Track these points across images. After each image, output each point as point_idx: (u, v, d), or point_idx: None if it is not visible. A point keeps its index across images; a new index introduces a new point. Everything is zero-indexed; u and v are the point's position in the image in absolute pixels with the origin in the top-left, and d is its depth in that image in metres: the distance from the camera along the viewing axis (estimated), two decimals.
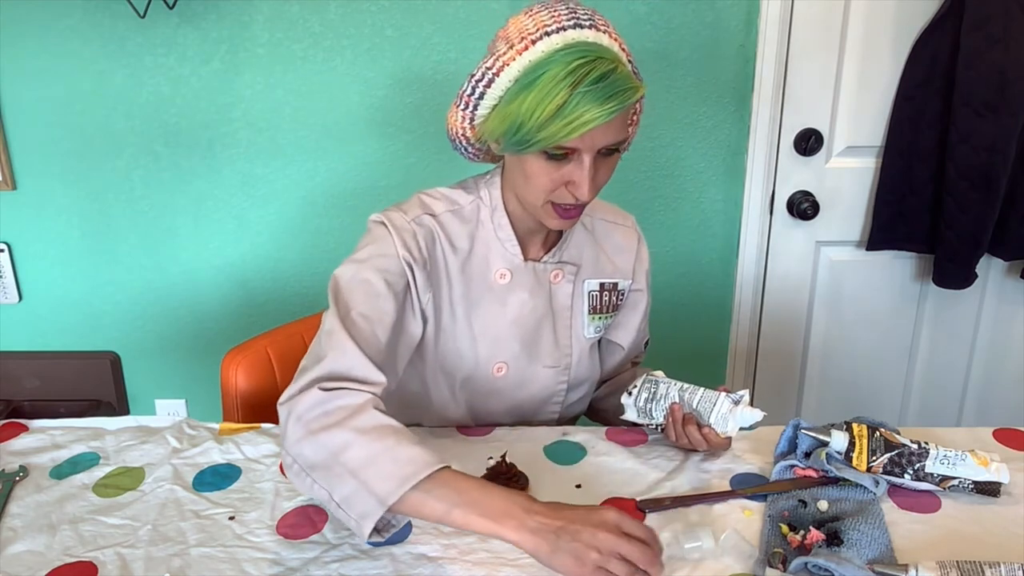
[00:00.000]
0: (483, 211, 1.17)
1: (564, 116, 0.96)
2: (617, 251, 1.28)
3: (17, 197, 1.99)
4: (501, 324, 1.18)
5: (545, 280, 1.21)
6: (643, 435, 1.24)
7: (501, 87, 1.01)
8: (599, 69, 0.96)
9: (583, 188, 1.02)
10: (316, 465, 0.92)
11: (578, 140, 0.99)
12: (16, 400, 2.13)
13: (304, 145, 1.94)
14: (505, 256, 1.17)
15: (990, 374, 2.11)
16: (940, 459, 1.07)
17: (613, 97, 0.96)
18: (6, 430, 1.25)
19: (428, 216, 1.14)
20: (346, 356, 0.99)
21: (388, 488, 0.88)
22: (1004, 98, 1.72)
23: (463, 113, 1.07)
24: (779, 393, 2.14)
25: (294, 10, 1.83)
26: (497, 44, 1.03)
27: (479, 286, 1.17)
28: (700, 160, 1.95)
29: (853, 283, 2.03)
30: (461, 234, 1.16)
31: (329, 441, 0.91)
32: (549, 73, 0.97)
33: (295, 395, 0.95)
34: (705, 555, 0.98)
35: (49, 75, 1.89)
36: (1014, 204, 1.83)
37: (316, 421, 0.93)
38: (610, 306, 1.28)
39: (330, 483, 0.92)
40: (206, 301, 2.08)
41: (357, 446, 0.91)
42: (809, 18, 1.82)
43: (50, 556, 0.99)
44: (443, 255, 1.15)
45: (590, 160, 1.01)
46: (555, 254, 1.21)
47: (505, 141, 1.03)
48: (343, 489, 0.90)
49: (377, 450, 0.90)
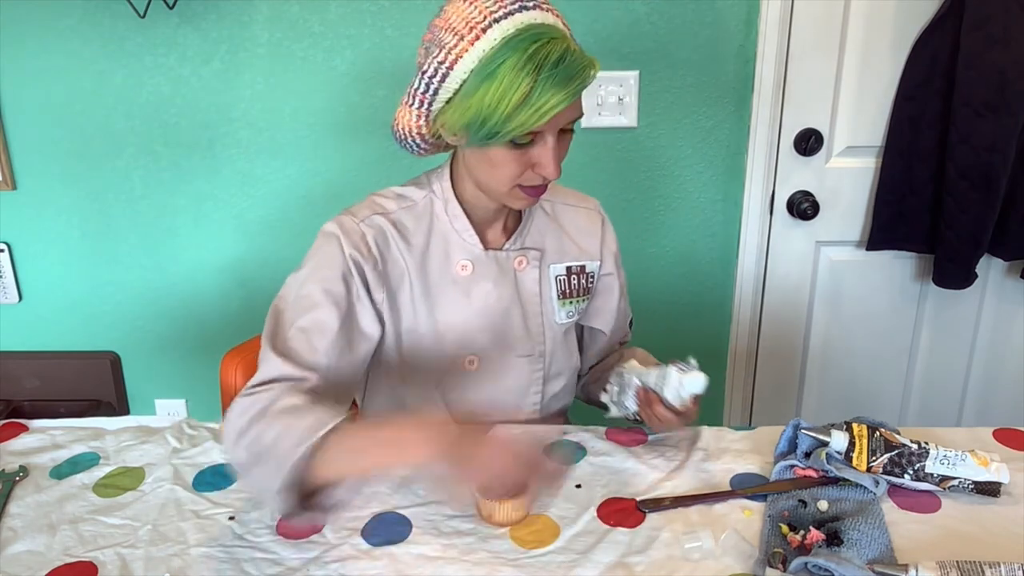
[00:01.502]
0: (436, 204, 1.16)
1: (531, 104, 0.95)
2: (580, 233, 1.25)
3: (17, 197, 1.99)
4: (467, 317, 1.16)
5: (509, 268, 1.19)
6: (643, 435, 1.24)
7: (457, 80, 0.99)
8: (556, 51, 0.95)
9: (550, 168, 1.03)
10: (246, 463, 0.95)
11: (545, 124, 0.98)
12: (16, 400, 2.13)
13: (304, 145, 1.94)
14: (464, 247, 1.16)
15: (990, 374, 2.11)
16: (940, 459, 1.07)
17: (574, 77, 0.96)
18: (6, 430, 1.25)
19: (379, 216, 1.14)
20: (271, 366, 1.02)
21: (291, 452, 0.88)
22: (1004, 98, 1.72)
23: (416, 111, 1.04)
24: (779, 393, 2.14)
25: (294, 10, 1.83)
26: (442, 36, 0.99)
27: (440, 280, 1.16)
28: (700, 160, 1.95)
29: (853, 283, 2.03)
30: (416, 230, 1.15)
31: (249, 438, 0.94)
32: (508, 62, 0.95)
33: (228, 409, 0.99)
34: (705, 555, 0.98)
35: (49, 75, 1.89)
36: (1014, 204, 1.83)
37: (241, 423, 0.96)
38: (580, 289, 1.25)
39: (255, 475, 0.94)
40: (206, 301, 2.08)
41: (269, 431, 0.93)
42: (809, 18, 1.82)
43: (50, 556, 0.99)
44: (399, 253, 1.14)
45: (554, 140, 1.02)
46: (516, 240, 1.19)
47: (470, 134, 1.01)
48: (261, 475, 0.92)
49: (284, 424, 0.92)
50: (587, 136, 1.90)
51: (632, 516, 1.06)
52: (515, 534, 1.03)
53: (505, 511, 1.04)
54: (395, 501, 1.09)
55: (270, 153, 1.95)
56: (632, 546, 1.01)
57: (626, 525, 1.04)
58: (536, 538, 1.02)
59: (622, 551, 1.00)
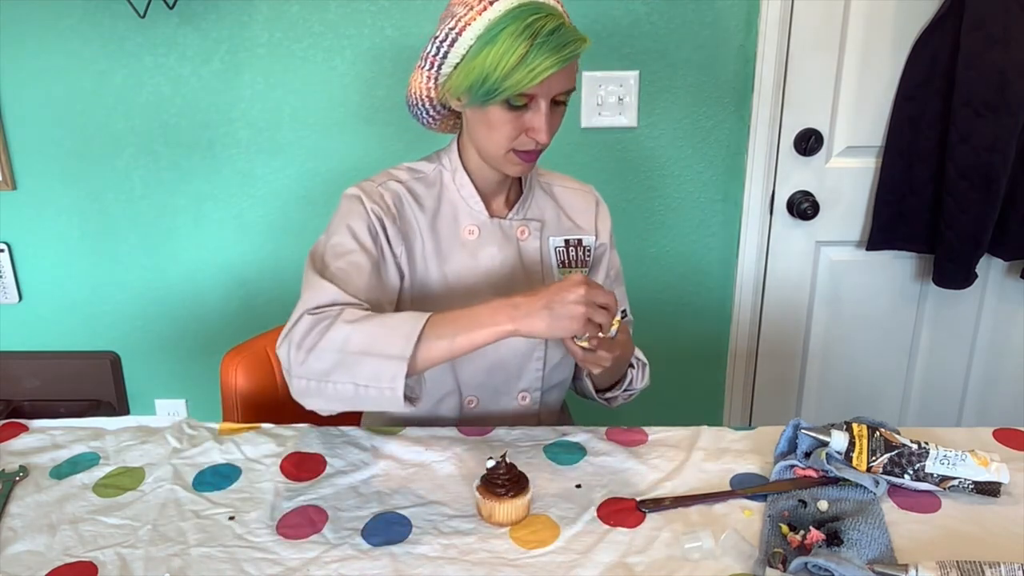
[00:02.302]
0: (445, 175, 1.27)
1: (526, 65, 1.06)
2: (576, 212, 1.34)
3: (17, 197, 1.99)
4: (474, 277, 1.25)
5: (512, 236, 1.27)
6: (643, 435, 1.24)
7: (464, 45, 1.10)
8: (551, 24, 1.07)
9: (542, 132, 1.13)
10: (328, 369, 1.02)
11: (538, 87, 1.09)
12: (16, 400, 2.13)
13: (304, 145, 1.94)
14: (471, 213, 1.26)
15: (990, 374, 2.11)
16: (940, 459, 1.07)
17: (566, 46, 1.07)
18: (6, 430, 1.25)
19: (394, 182, 1.24)
20: (325, 292, 1.09)
21: (400, 347, 0.99)
22: (1004, 98, 1.72)
23: (428, 73, 1.15)
24: (779, 393, 2.14)
25: (294, 10, 1.83)
26: (455, 8, 1.11)
27: (449, 241, 1.25)
28: (700, 160, 1.95)
29: (853, 283, 2.03)
30: (427, 196, 1.25)
31: (330, 344, 1.01)
32: (508, 28, 1.07)
33: (288, 331, 1.06)
34: (705, 555, 0.98)
35: (49, 75, 1.89)
36: (1014, 204, 1.83)
37: (312, 338, 1.02)
38: (578, 260, 1.33)
39: (350, 374, 1.01)
40: (206, 301, 2.08)
41: (355, 334, 1.01)
42: (809, 18, 1.82)
43: (50, 556, 0.99)
44: (412, 214, 1.23)
45: (546, 106, 1.12)
46: (518, 211, 1.29)
47: (472, 94, 1.12)
48: (363, 371, 1.00)
49: (373, 328, 1.02)
50: (587, 136, 1.90)
51: (632, 516, 1.06)
52: (515, 534, 1.03)
53: (505, 511, 1.04)
54: (395, 501, 1.09)
55: (270, 153, 1.95)
56: (632, 546, 1.01)
57: (626, 525, 1.04)
58: (536, 538, 1.02)
59: (622, 551, 1.00)
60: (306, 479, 1.14)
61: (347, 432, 1.24)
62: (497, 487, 1.04)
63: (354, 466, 1.16)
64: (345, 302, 1.08)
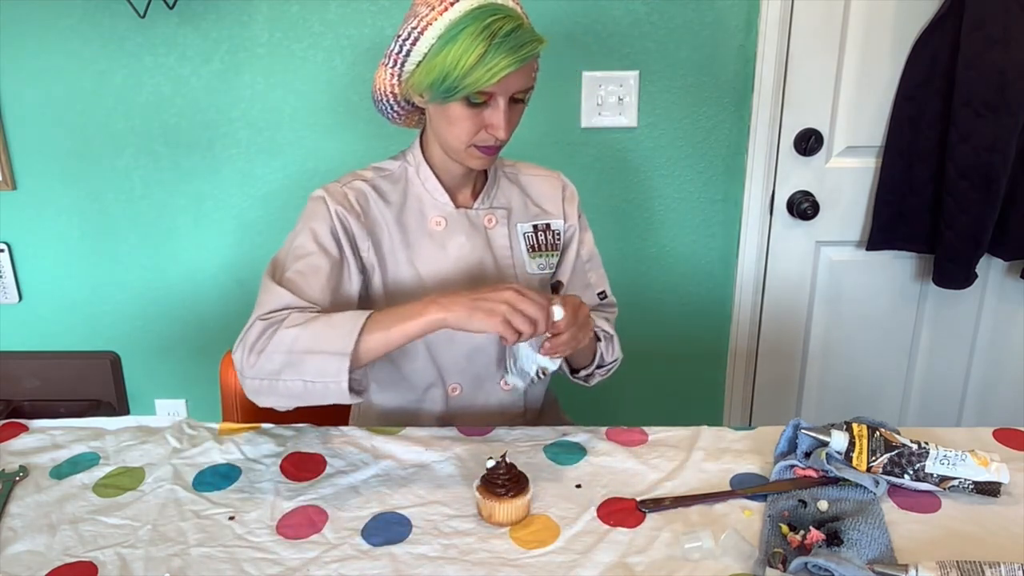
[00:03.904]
0: (410, 170, 1.30)
1: (485, 64, 1.11)
2: (543, 198, 1.37)
3: (17, 197, 1.99)
4: (445, 267, 1.28)
5: (480, 225, 1.30)
6: (643, 435, 1.24)
7: (426, 43, 1.14)
8: (508, 25, 1.11)
9: (500, 128, 1.17)
10: (278, 368, 1.08)
11: (496, 85, 1.13)
12: (16, 400, 2.13)
13: (304, 145, 1.94)
14: (437, 205, 1.29)
15: (990, 374, 2.11)
16: (940, 459, 1.07)
17: (523, 47, 1.12)
18: (6, 430, 1.25)
19: (359, 180, 1.28)
20: (279, 298, 1.14)
21: (342, 343, 1.06)
22: (1004, 98, 1.72)
23: (391, 71, 1.19)
24: (779, 393, 2.14)
25: (294, 10, 1.83)
26: (418, 8, 1.15)
27: (417, 234, 1.28)
28: (700, 160, 1.95)
29: (853, 283, 2.03)
30: (392, 191, 1.29)
31: (278, 345, 1.08)
32: (468, 29, 1.11)
33: (242, 336, 1.12)
34: (705, 555, 0.98)
35: (49, 75, 1.89)
36: (1014, 204, 1.83)
37: (262, 342, 1.09)
38: (548, 244, 1.36)
39: (298, 372, 1.07)
40: (206, 301, 2.08)
41: (302, 335, 1.08)
42: (809, 18, 1.82)
43: (50, 556, 0.99)
44: (378, 210, 1.27)
45: (505, 104, 1.16)
46: (484, 200, 1.32)
47: (433, 91, 1.15)
48: (310, 368, 1.07)
49: (318, 327, 1.08)
50: (587, 136, 1.90)
51: (632, 516, 1.06)
52: (515, 534, 1.03)
53: (505, 511, 1.04)
54: (395, 501, 1.09)
55: (270, 153, 1.95)
56: (632, 546, 1.01)
57: (626, 525, 1.04)
58: (536, 538, 1.02)
59: (622, 551, 1.00)
60: (306, 479, 1.14)
61: (347, 432, 1.25)
62: (497, 487, 1.04)
63: (354, 466, 1.16)
64: (297, 306, 1.13)
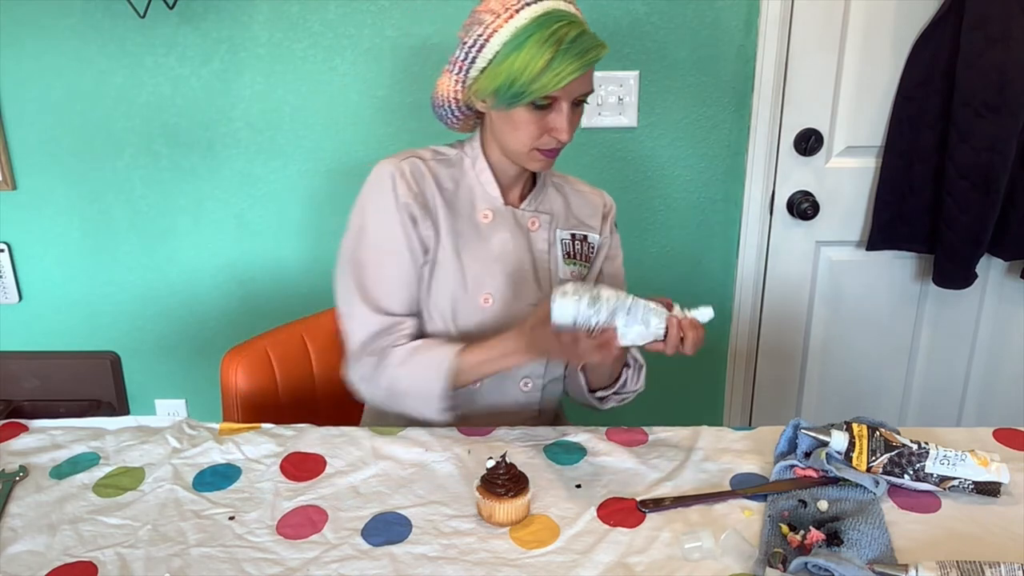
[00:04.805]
0: (466, 161, 1.32)
1: (552, 69, 1.14)
2: (584, 212, 1.40)
3: (17, 197, 1.99)
4: (486, 258, 1.30)
5: (524, 225, 1.33)
6: (643, 435, 1.24)
7: (492, 50, 1.17)
8: (573, 31, 1.14)
9: (564, 131, 1.20)
10: (384, 400, 1.27)
11: (561, 91, 1.16)
12: (16, 400, 2.13)
13: (304, 145, 1.94)
14: (487, 198, 1.31)
15: (990, 374, 2.11)
16: (940, 459, 1.07)
17: (588, 52, 1.15)
18: (6, 430, 1.25)
19: (417, 159, 1.30)
20: (368, 323, 1.24)
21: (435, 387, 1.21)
22: (1004, 98, 1.72)
23: (456, 77, 1.22)
24: (779, 393, 2.14)
25: (294, 10, 1.83)
26: (482, 16, 1.18)
27: (465, 222, 1.30)
28: (700, 160, 1.95)
29: (853, 283, 2.03)
30: (446, 176, 1.31)
31: (381, 382, 1.25)
32: (535, 36, 1.14)
33: (353, 367, 1.27)
34: (705, 555, 0.98)
35: (49, 75, 1.89)
36: (1014, 204, 1.83)
37: (370, 373, 1.25)
38: (583, 254, 1.38)
39: (401, 407, 1.25)
40: (206, 301, 2.08)
41: (400, 377, 1.24)
42: (809, 18, 1.82)
43: (50, 556, 0.99)
44: (432, 191, 1.28)
45: (568, 108, 1.19)
46: (531, 203, 1.34)
47: (498, 97, 1.19)
48: (409, 405, 1.24)
49: (413, 369, 1.23)
50: (587, 136, 1.90)
51: (632, 516, 1.06)
52: (515, 534, 1.03)
53: (505, 511, 1.04)
54: (395, 501, 1.09)
55: (270, 153, 1.95)
56: (632, 546, 1.01)
57: (626, 525, 1.04)
58: (536, 538, 1.02)
59: (622, 551, 1.00)
60: (306, 479, 1.14)
61: (347, 432, 1.25)
62: (497, 487, 1.04)
63: (354, 466, 1.16)
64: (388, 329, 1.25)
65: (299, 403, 1.49)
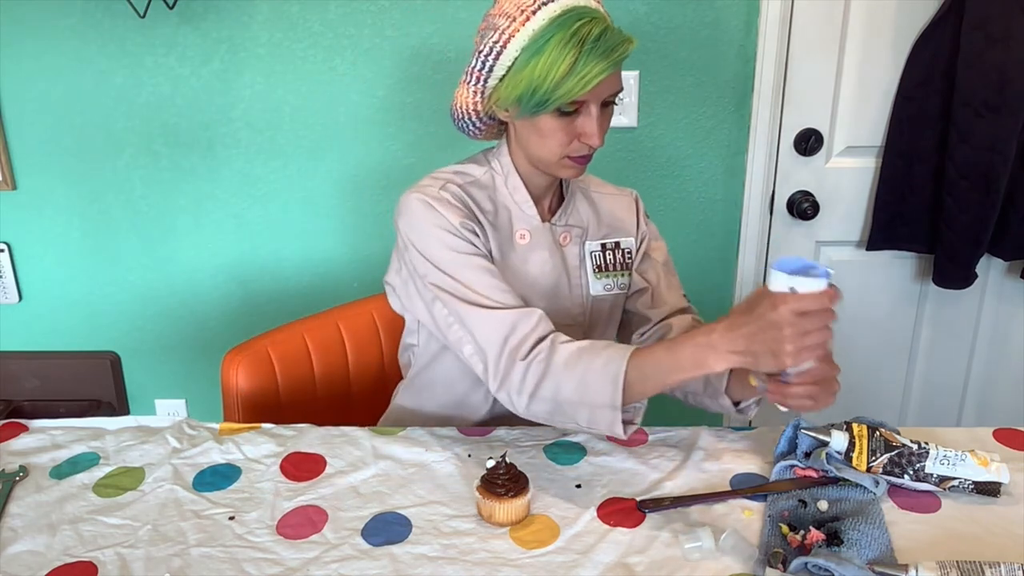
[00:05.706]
0: (497, 179, 1.24)
1: (577, 73, 1.05)
2: (614, 217, 1.34)
3: (17, 197, 1.99)
4: (525, 281, 1.24)
5: (557, 242, 1.27)
6: (643, 435, 1.24)
7: (510, 57, 1.09)
8: (596, 28, 1.06)
9: (595, 136, 1.12)
10: (550, 412, 1.08)
11: (589, 93, 1.08)
12: (16, 400, 2.13)
13: (304, 145, 1.94)
14: (524, 218, 1.25)
15: (990, 374, 2.11)
16: (940, 459, 1.07)
17: (614, 50, 1.06)
18: (6, 430, 1.25)
19: (451, 184, 1.21)
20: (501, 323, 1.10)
21: (608, 395, 1.02)
22: (1004, 98, 1.72)
23: (474, 88, 1.15)
24: None
25: (294, 10, 1.83)
26: (496, 21, 1.10)
27: (506, 245, 1.24)
28: (700, 160, 1.95)
29: (853, 283, 2.03)
30: (483, 199, 1.23)
31: (545, 393, 1.07)
32: (555, 38, 1.05)
33: (501, 378, 1.10)
34: (705, 555, 0.98)
35: (49, 75, 1.89)
36: (1014, 204, 1.83)
37: (528, 383, 1.07)
38: (617, 264, 1.32)
39: (570, 419, 1.07)
40: (206, 301, 2.08)
41: (564, 384, 1.05)
42: (809, 18, 1.82)
43: (50, 556, 0.99)
44: (477, 212, 1.21)
45: (597, 110, 1.11)
46: (561, 217, 1.28)
47: (521, 105, 1.11)
48: (581, 416, 1.05)
49: (580, 374, 1.04)
50: None
51: (632, 516, 1.06)
52: (515, 534, 1.03)
53: (505, 511, 1.04)
54: (395, 501, 1.09)
55: (270, 153, 1.95)
56: (632, 546, 1.01)
57: (626, 525, 1.04)
58: (536, 538, 1.02)
59: (622, 551, 1.00)
60: (306, 479, 1.14)
61: (347, 432, 1.24)
62: (497, 487, 1.04)
63: (354, 466, 1.16)
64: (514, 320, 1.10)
65: (299, 403, 1.49)
